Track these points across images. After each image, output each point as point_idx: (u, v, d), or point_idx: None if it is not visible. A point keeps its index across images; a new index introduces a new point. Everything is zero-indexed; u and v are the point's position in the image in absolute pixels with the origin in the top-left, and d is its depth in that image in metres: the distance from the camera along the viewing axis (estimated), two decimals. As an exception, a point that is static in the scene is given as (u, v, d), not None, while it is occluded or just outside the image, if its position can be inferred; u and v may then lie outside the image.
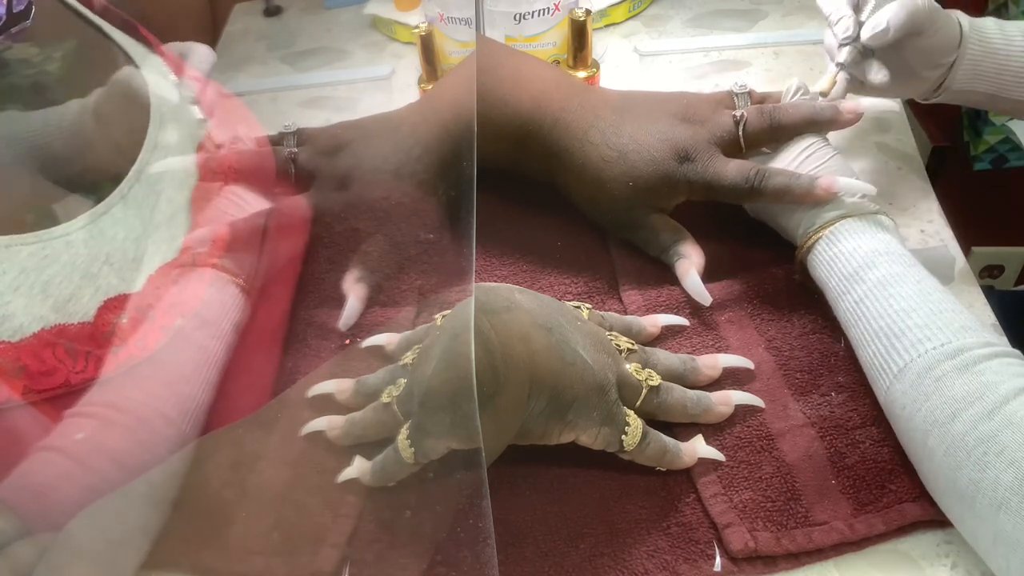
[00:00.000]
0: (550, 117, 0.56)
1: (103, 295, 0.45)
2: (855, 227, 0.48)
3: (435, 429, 0.41)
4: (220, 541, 0.43)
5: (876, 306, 0.44)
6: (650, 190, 0.54)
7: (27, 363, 0.41)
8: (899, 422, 0.43)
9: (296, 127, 0.60)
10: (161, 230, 0.50)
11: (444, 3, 0.70)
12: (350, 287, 0.55)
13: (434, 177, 0.57)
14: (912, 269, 0.46)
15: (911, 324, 0.43)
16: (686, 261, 0.54)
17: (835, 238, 0.48)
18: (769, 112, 0.54)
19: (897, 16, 0.51)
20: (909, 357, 0.42)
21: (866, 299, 0.45)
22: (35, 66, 0.49)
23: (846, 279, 0.47)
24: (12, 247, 0.42)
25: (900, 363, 0.42)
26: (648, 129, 0.55)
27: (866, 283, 0.45)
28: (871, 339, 0.44)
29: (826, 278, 0.49)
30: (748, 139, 0.54)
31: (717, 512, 0.43)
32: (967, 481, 0.38)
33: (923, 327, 0.42)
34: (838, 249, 0.48)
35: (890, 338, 0.43)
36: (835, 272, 0.48)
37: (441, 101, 0.60)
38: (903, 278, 0.45)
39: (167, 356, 0.46)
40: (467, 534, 0.41)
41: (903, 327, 0.43)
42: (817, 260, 0.49)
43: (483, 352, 0.39)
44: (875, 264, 0.46)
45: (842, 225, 0.49)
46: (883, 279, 0.45)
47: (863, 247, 0.47)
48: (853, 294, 0.46)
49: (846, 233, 0.48)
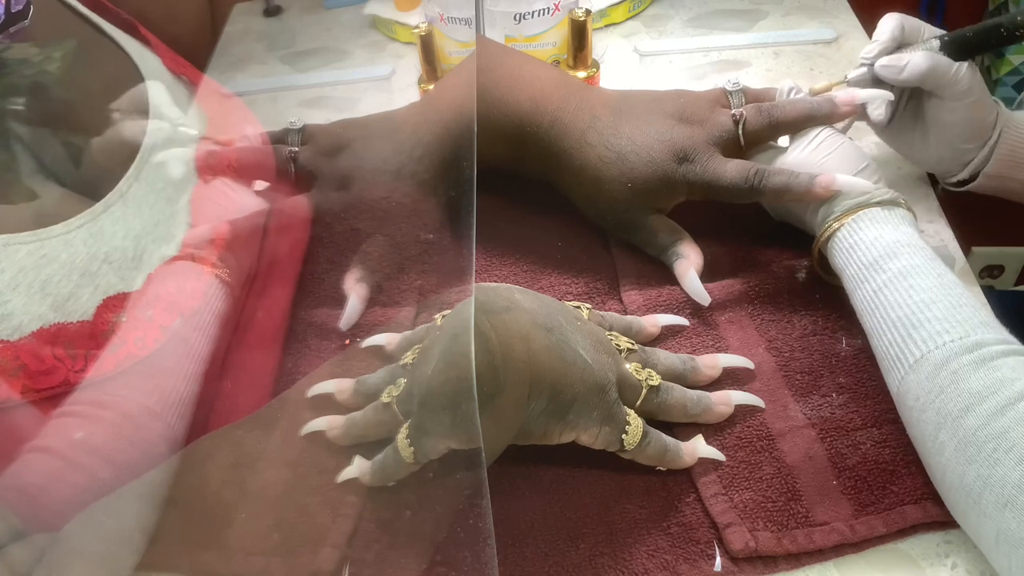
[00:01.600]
0: (548, 117, 0.56)
1: (102, 294, 0.45)
2: (877, 216, 0.48)
3: (435, 429, 0.41)
4: (220, 541, 0.43)
5: (895, 296, 0.44)
6: (648, 191, 0.54)
7: (26, 362, 0.41)
8: (911, 413, 0.42)
9: (302, 123, 0.60)
10: (160, 229, 0.50)
11: (444, 3, 0.70)
12: (351, 287, 0.55)
13: (435, 177, 0.57)
14: (933, 262, 0.45)
15: (930, 316, 0.42)
16: (685, 261, 0.54)
17: (856, 226, 0.48)
18: (767, 110, 0.54)
19: (917, 63, 0.51)
20: (927, 348, 0.41)
21: (885, 288, 0.45)
22: (35, 66, 0.49)
23: (865, 267, 0.46)
24: (11, 246, 0.42)
25: (916, 354, 0.42)
26: (646, 130, 0.55)
27: (886, 272, 0.45)
28: (888, 328, 0.44)
29: (844, 265, 0.48)
30: (748, 138, 0.54)
31: (717, 512, 0.43)
32: (975, 477, 0.37)
33: (942, 319, 0.42)
34: (859, 237, 0.47)
35: (907, 328, 0.43)
36: (854, 260, 0.47)
37: (442, 101, 0.60)
38: (924, 270, 0.44)
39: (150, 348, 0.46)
40: (467, 534, 0.41)
41: (921, 318, 0.42)
42: (837, 248, 0.49)
43: (483, 352, 0.39)
44: (896, 254, 0.45)
45: (865, 214, 0.48)
46: (903, 269, 0.45)
47: (884, 237, 0.47)
48: (872, 283, 0.45)
49: (868, 222, 0.48)
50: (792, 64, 0.76)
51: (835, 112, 0.53)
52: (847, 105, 0.53)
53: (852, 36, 0.79)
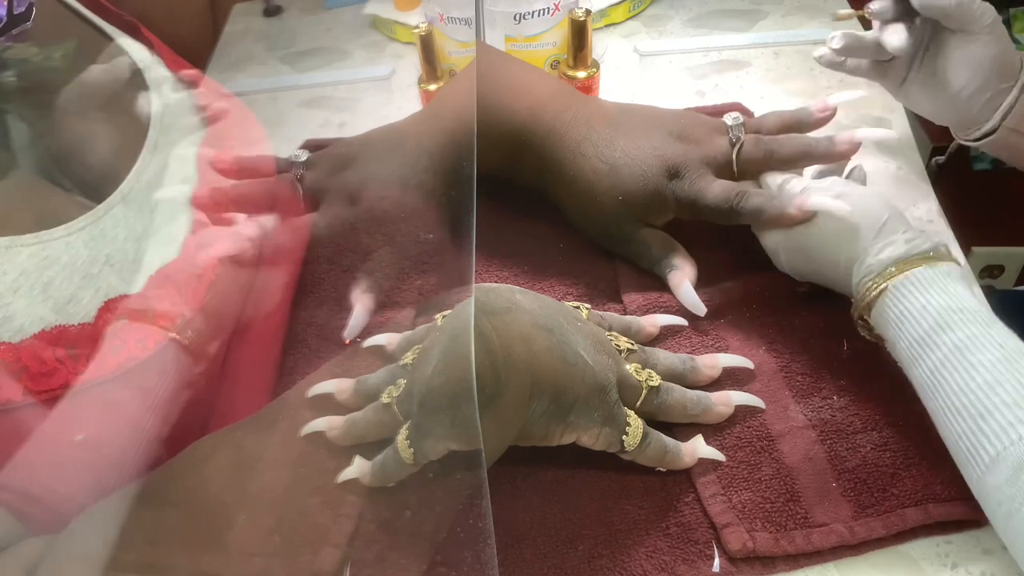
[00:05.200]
0: (544, 127, 0.56)
1: (104, 296, 0.45)
2: (922, 278, 0.43)
3: (434, 430, 0.41)
4: (220, 542, 0.43)
5: (956, 378, 0.40)
6: (638, 204, 0.54)
7: (27, 364, 0.41)
8: (997, 520, 0.38)
9: (306, 155, 0.58)
10: (162, 231, 0.50)
11: (444, 3, 0.70)
12: (357, 297, 0.54)
13: (441, 187, 0.57)
14: (991, 329, 0.41)
15: (998, 402, 0.38)
16: (679, 272, 0.54)
17: (900, 294, 0.43)
18: (766, 142, 0.53)
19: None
20: (1001, 445, 0.37)
21: (943, 368, 0.40)
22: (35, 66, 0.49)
23: (918, 343, 0.42)
24: (12, 248, 0.42)
25: (992, 451, 0.37)
26: (641, 144, 0.54)
27: (941, 348, 0.41)
28: (953, 418, 0.39)
29: (895, 340, 0.44)
30: (742, 165, 0.54)
31: (716, 512, 0.43)
32: None
33: (1012, 405, 0.37)
34: (904, 307, 0.43)
35: (975, 419, 0.38)
36: (904, 335, 0.42)
37: (444, 110, 0.60)
38: (982, 342, 0.40)
39: (99, 434, 0.43)
40: (467, 534, 0.42)
41: (989, 406, 0.38)
42: (884, 318, 0.44)
43: (485, 353, 0.39)
44: (950, 325, 0.41)
45: (909, 277, 0.43)
46: (959, 343, 0.40)
47: (933, 303, 0.42)
48: (928, 361, 0.41)
49: (912, 287, 0.43)
50: (792, 64, 0.76)
51: (832, 151, 0.52)
52: (847, 145, 0.52)
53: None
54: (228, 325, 0.51)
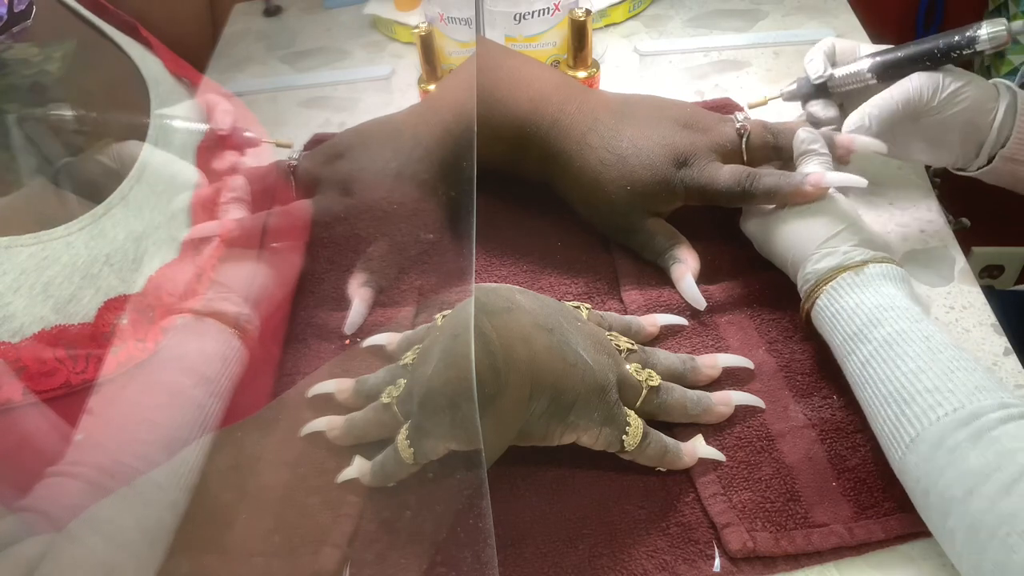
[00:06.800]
0: (548, 119, 0.56)
1: (103, 296, 0.45)
2: (856, 281, 0.45)
3: (434, 430, 0.41)
4: (221, 543, 0.43)
5: (883, 368, 0.42)
6: (647, 194, 0.54)
7: (27, 364, 0.41)
8: (916, 496, 0.40)
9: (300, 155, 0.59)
10: (161, 231, 0.50)
11: (444, 3, 0.70)
12: (355, 291, 0.55)
13: (435, 178, 0.57)
14: (919, 325, 0.43)
15: (920, 388, 0.40)
16: (681, 266, 0.54)
17: (836, 294, 0.46)
18: (772, 128, 0.54)
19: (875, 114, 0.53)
20: (920, 426, 0.39)
21: (872, 360, 0.42)
22: (35, 66, 0.49)
23: (850, 339, 0.44)
24: (12, 248, 0.42)
25: (911, 432, 0.39)
26: (648, 134, 0.55)
27: (871, 342, 0.43)
28: (880, 404, 0.42)
29: (830, 336, 0.46)
30: (750, 151, 0.55)
31: (716, 512, 0.43)
32: (992, 566, 0.35)
33: (933, 391, 0.39)
34: (839, 306, 0.45)
35: (899, 404, 0.40)
36: (838, 331, 0.45)
37: (441, 103, 0.60)
38: (909, 335, 0.42)
39: (167, 418, 0.44)
40: (467, 534, 0.42)
41: (912, 391, 0.40)
42: (820, 317, 0.47)
43: (484, 353, 0.39)
44: (879, 321, 0.43)
45: (843, 279, 0.46)
46: (888, 337, 0.42)
47: (866, 303, 0.44)
48: (858, 355, 0.43)
49: (847, 287, 0.45)
50: (792, 64, 0.76)
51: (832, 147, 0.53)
52: (842, 148, 0.53)
53: (852, 36, 0.79)
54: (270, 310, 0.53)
